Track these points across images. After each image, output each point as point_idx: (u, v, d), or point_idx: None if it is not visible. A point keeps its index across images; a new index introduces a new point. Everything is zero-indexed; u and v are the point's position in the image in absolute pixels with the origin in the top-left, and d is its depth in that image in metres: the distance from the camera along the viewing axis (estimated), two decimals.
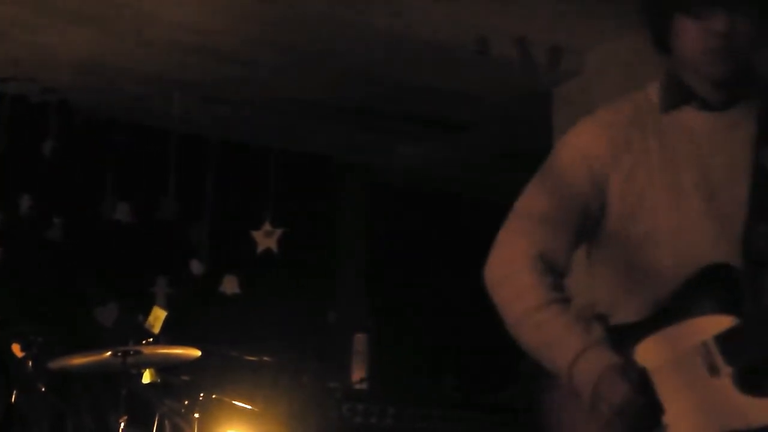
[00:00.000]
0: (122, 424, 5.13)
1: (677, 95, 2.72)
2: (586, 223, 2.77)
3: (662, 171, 2.68)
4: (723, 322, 2.45)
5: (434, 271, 8.41)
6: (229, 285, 7.51)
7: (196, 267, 7.34)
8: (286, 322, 7.56)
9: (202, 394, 5.42)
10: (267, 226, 7.43)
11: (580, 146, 2.81)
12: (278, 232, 7.42)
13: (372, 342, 5.83)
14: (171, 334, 5.94)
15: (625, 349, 2.59)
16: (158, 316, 5.96)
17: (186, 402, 5.43)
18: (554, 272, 2.73)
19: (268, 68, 6.64)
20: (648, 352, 2.56)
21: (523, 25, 6.09)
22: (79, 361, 5.32)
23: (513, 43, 6.20)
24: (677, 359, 2.51)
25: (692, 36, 2.61)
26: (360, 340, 5.81)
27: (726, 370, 2.43)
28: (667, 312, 2.56)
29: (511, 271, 2.76)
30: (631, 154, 2.72)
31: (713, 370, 2.45)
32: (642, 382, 2.51)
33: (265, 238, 7.42)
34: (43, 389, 5.49)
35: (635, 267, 2.70)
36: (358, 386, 5.60)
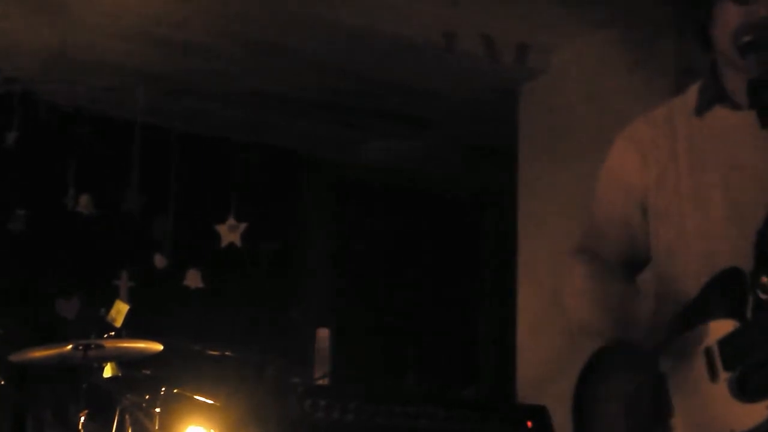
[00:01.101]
0: (83, 418, 5.10)
1: (711, 95, 2.68)
2: (636, 241, 2.85)
3: (689, 175, 2.67)
4: (727, 326, 2.45)
5: (399, 267, 8.42)
6: (193, 279, 7.49)
7: (160, 261, 7.31)
8: (250, 316, 7.56)
9: (163, 389, 5.39)
10: (231, 220, 7.42)
11: (613, 170, 2.91)
12: (243, 226, 7.41)
13: (335, 337, 5.82)
14: (133, 327, 5.92)
15: (653, 354, 2.62)
16: (120, 310, 5.93)
17: (147, 396, 5.40)
18: (614, 277, 2.84)
19: (235, 61, 6.63)
20: (667, 357, 2.59)
21: (490, 23, 6.10)
22: (40, 354, 5.28)
23: (480, 40, 6.22)
24: (687, 364, 2.53)
25: (734, 21, 2.53)
26: (323, 336, 5.80)
27: (724, 375, 2.43)
28: (687, 317, 2.57)
29: (570, 277, 2.93)
30: (659, 163, 2.74)
31: (713, 375, 2.45)
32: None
33: (230, 233, 7.40)
34: (3, 382, 5.46)
35: (667, 272, 2.72)
36: (320, 382, 5.59)
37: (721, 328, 2.47)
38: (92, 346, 5.16)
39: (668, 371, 2.59)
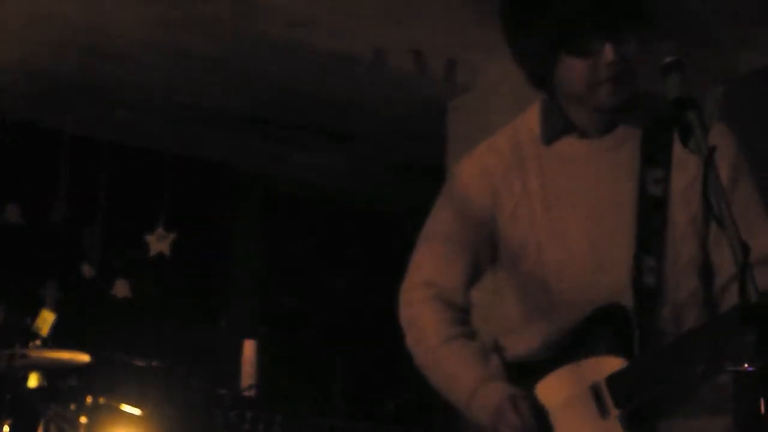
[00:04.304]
0: (6, 429, 5.06)
1: (556, 126, 2.68)
2: (479, 263, 2.80)
3: (545, 209, 2.66)
4: (614, 363, 2.46)
5: (327, 280, 8.43)
6: (121, 289, 7.45)
7: (87, 270, 7.27)
8: (177, 327, 7.53)
9: (89, 399, 5.37)
10: (160, 231, 7.39)
11: (460, 199, 2.84)
12: (171, 236, 7.39)
13: (262, 349, 5.83)
14: (60, 337, 5.88)
15: (527, 387, 2.60)
16: (46, 319, 5.90)
17: (72, 406, 5.37)
18: (454, 307, 2.78)
19: (165, 72, 6.61)
20: (547, 392, 2.58)
21: (419, 38, 6.15)
22: None
23: (409, 56, 6.25)
24: (572, 400, 2.52)
25: (581, 73, 2.53)
26: (250, 347, 5.80)
27: (614, 412, 2.44)
28: (565, 351, 2.56)
29: (413, 316, 2.82)
30: (512, 197, 2.71)
31: (603, 412, 2.46)
32: (537, 413, 2.54)
33: (158, 243, 7.38)
34: None
35: (527, 303, 2.70)
36: (246, 393, 5.59)
37: (608, 364, 2.46)
38: (17, 355, 5.12)
39: (549, 408, 2.56)
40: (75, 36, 6.15)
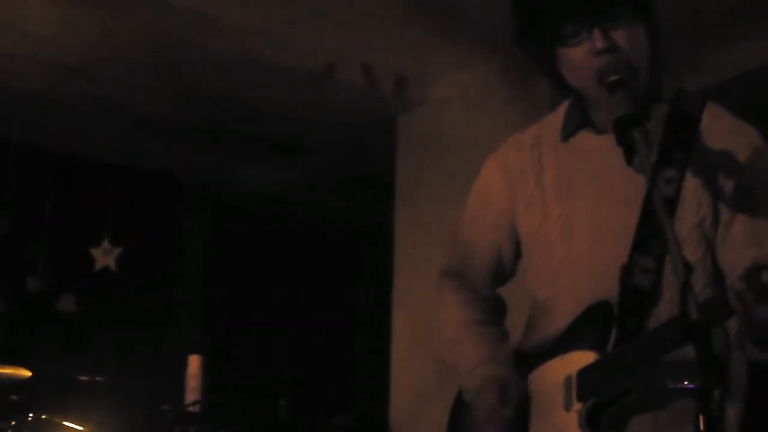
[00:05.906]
0: None
1: (575, 120, 2.70)
2: (502, 258, 2.88)
3: (556, 202, 2.69)
4: (589, 358, 2.49)
5: (274, 293, 8.40)
6: (66, 303, 7.38)
7: (33, 283, 7.19)
8: (122, 342, 7.47)
9: (31, 415, 5.30)
10: (106, 244, 7.31)
11: (482, 193, 2.93)
12: (117, 250, 7.31)
13: (208, 364, 5.78)
14: (2, 351, 5.82)
15: (523, 375, 2.66)
16: None
17: (13, 422, 5.31)
18: (478, 297, 2.87)
19: (112, 83, 6.57)
20: (535, 380, 2.63)
21: (369, 53, 6.15)
22: None
23: (359, 70, 6.25)
24: (549, 389, 2.57)
25: (577, 64, 2.54)
26: (194, 362, 5.75)
27: (576, 405, 2.47)
28: (561, 344, 2.60)
29: (440, 301, 2.93)
30: (526, 191, 2.76)
31: (568, 404, 2.49)
32: (514, 400, 2.59)
33: (104, 256, 7.29)
34: None
35: (539, 297, 2.75)
36: (191, 408, 5.54)
37: (583, 358, 2.50)
38: None
39: (535, 396, 2.62)
40: (22, 45, 6.10)
